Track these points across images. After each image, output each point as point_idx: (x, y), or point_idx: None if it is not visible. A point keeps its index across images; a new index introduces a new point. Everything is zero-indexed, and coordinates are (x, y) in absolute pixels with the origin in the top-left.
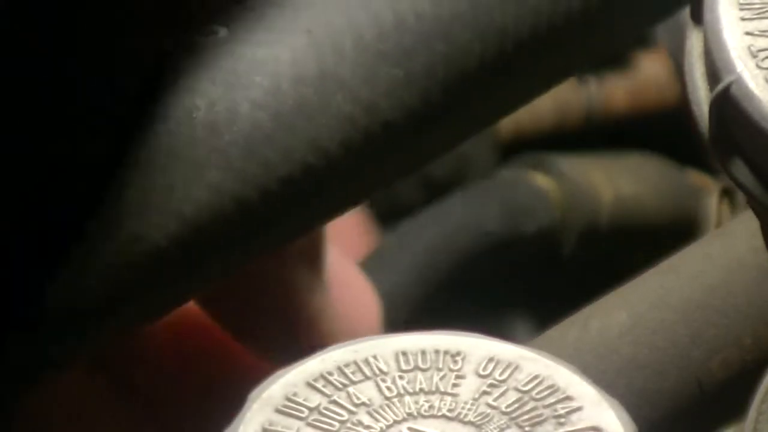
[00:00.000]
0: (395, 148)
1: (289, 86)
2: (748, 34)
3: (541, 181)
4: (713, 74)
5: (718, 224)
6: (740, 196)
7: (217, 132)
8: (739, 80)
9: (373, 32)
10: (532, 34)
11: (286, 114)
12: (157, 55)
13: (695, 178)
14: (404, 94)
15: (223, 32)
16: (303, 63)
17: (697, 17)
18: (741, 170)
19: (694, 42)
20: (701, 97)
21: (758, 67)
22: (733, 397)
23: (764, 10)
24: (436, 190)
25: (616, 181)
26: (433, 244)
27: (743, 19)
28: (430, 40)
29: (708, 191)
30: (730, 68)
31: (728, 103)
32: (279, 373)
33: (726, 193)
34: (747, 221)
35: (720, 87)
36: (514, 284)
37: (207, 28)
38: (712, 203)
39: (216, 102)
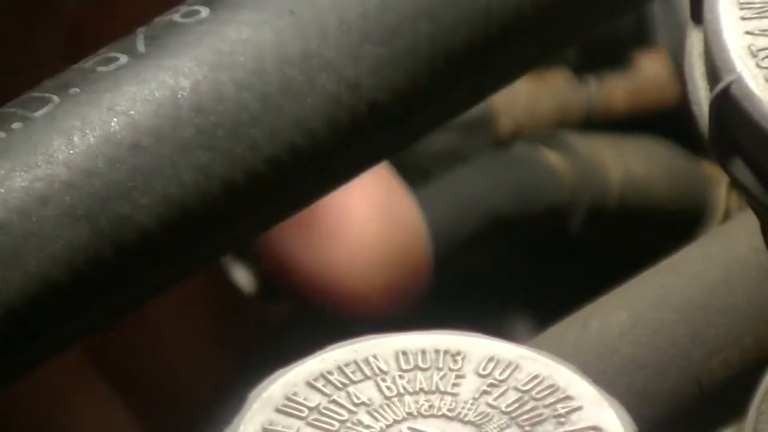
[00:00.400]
0: (381, 127)
1: (273, 66)
2: (748, 33)
3: (552, 158)
4: (713, 74)
5: (727, 215)
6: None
7: (202, 113)
8: (739, 80)
9: (357, 11)
10: (516, 13)
11: (271, 94)
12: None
13: (706, 166)
14: (389, 73)
15: (205, 12)
16: (287, 43)
17: (697, 17)
18: (741, 170)
19: (694, 42)
20: (701, 96)
21: (758, 66)
22: (733, 396)
23: (764, 9)
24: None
25: (626, 161)
26: (440, 219)
27: (743, 18)
28: (414, 19)
29: (718, 180)
30: (730, 68)
31: (728, 103)
32: (279, 372)
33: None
34: (747, 221)
35: (720, 87)
36: (518, 268)
37: (189, 8)
38: (721, 192)
39: (201, 83)
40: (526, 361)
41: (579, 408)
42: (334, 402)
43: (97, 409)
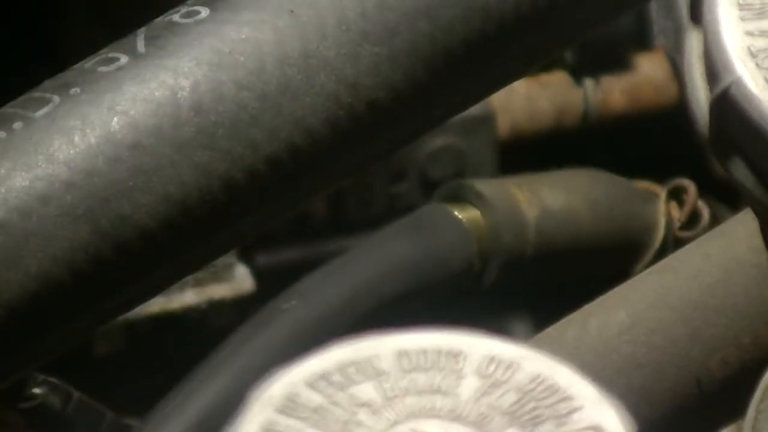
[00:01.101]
0: (380, 126)
1: (273, 66)
2: (747, 34)
3: (461, 212)
4: (713, 75)
5: (668, 228)
6: (688, 196)
7: (202, 112)
8: (739, 81)
9: (356, 11)
10: (515, 13)
11: (270, 94)
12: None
13: (641, 185)
14: (388, 72)
15: (205, 13)
16: (287, 43)
17: (697, 18)
18: (741, 170)
19: (694, 42)
20: (701, 97)
21: (758, 67)
22: (731, 395)
23: (764, 10)
24: (436, 191)
25: (541, 197)
26: (359, 288)
27: (743, 19)
28: (412, 18)
29: (655, 196)
30: (730, 69)
31: (728, 104)
32: (279, 373)
33: (673, 195)
34: (746, 221)
35: (720, 88)
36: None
37: (189, 9)
38: (660, 207)
39: (201, 83)
40: (527, 361)
41: (579, 408)
42: (335, 402)
43: None
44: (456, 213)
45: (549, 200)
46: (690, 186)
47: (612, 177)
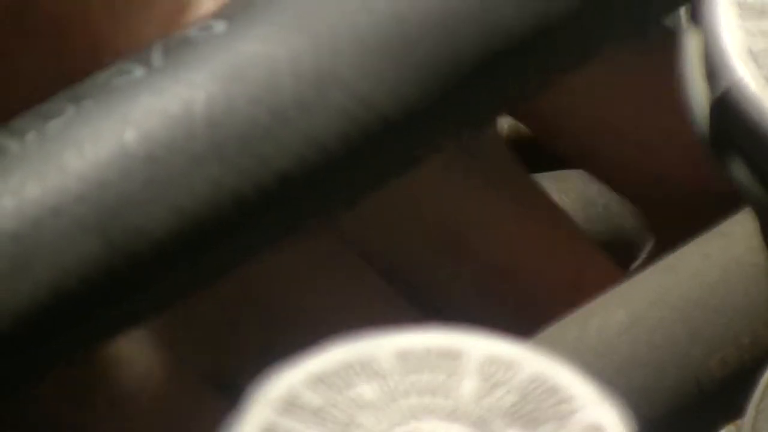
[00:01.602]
0: (394, 143)
1: (286, 81)
2: (748, 34)
3: None
4: (713, 75)
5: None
6: None
7: (215, 126)
8: (739, 82)
9: (371, 26)
10: (533, 30)
11: (283, 109)
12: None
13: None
14: (402, 89)
15: (221, 27)
16: (300, 59)
17: (697, 18)
18: (741, 170)
19: (694, 43)
20: (701, 98)
21: (759, 67)
22: (731, 395)
23: (764, 10)
24: None
25: None
26: None
27: (743, 19)
28: (428, 34)
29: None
30: (730, 69)
31: (728, 105)
32: (279, 373)
33: None
34: (745, 221)
35: (720, 88)
36: None
37: (206, 23)
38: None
39: (214, 97)
40: (527, 361)
41: (580, 408)
42: (335, 403)
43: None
44: None
45: None
46: None
47: (598, 186)
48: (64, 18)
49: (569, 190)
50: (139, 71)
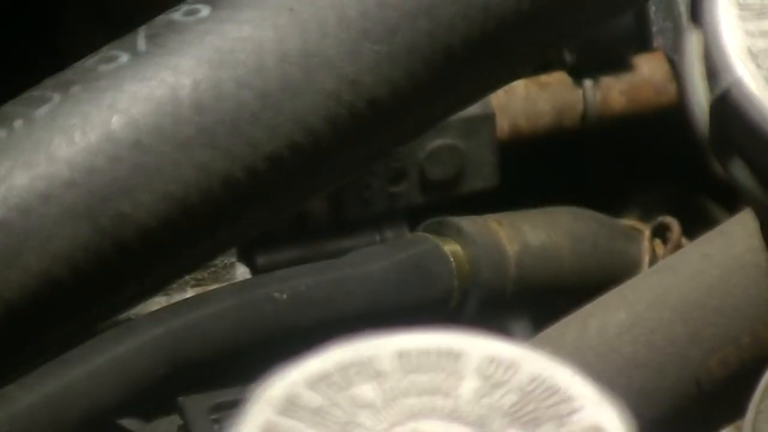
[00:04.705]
0: (380, 124)
1: (273, 64)
2: (747, 34)
3: (445, 246)
4: (713, 75)
5: (652, 265)
6: (672, 234)
7: (203, 111)
8: (739, 81)
9: (357, 9)
10: (515, 11)
11: (271, 92)
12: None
13: (625, 222)
14: (388, 70)
15: (206, 11)
16: (287, 41)
17: (696, 18)
18: (741, 170)
19: (694, 43)
20: (701, 97)
21: (758, 67)
22: (731, 395)
23: (764, 10)
24: (436, 191)
25: (522, 233)
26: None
27: (743, 19)
28: (413, 16)
29: (639, 233)
30: (731, 69)
31: (728, 104)
32: (279, 373)
33: (657, 233)
34: (745, 221)
35: (720, 88)
36: None
37: (190, 7)
38: (644, 243)
39: (201, 81)
40: (527, 362)
41: (579, 408)
42: (335, 403)
43: None
44: (438, 245)
45: (530, 236)
46: (673, 224)
47: (595, 215)
48: None
49: (557, 227)
50: (124, 57)
